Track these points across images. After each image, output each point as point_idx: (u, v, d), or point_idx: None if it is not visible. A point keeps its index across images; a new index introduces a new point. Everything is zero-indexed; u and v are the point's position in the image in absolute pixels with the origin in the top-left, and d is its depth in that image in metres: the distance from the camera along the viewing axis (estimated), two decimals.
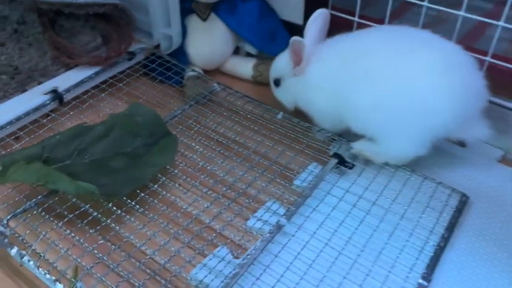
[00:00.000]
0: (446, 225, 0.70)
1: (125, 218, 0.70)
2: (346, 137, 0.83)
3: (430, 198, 0.74)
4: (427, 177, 0.77)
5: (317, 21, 0.82)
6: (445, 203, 0.74)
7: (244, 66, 1.03)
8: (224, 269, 0.65)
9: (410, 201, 0.74)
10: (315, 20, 0.81)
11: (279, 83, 0.88)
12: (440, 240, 0.68)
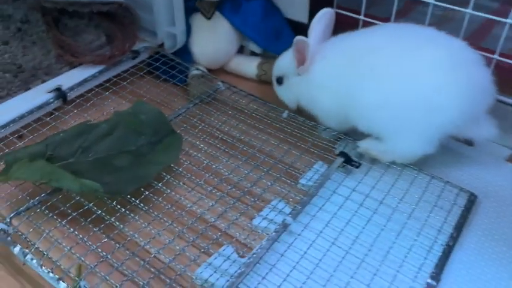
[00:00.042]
0: (455, 225, 0.69)
1: (129, 216, 0.69)
2: (352, 135, 0.82)
3: (437, 198, 0.73)
4: (434, 176, 0.76)
5: (321, 21, 0.81)
6: (453, 202, 0.73)
7: (248, 65, 1.02)
8: (229, 268, 0.64)
9: (418, 201, 0.73)
10: (320, 19, 0.81)
11: (282, 81, 0.87)
12: (449, 239, 0.67)
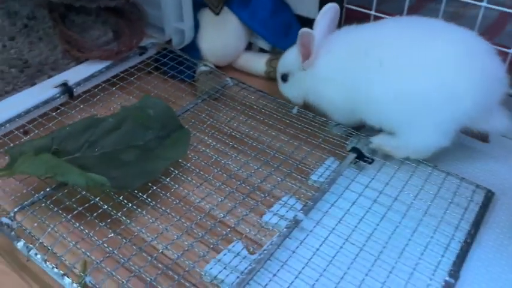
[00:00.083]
0: (472, 221, 0.67)
1: (136, 211, 0.68)
2: (364, 132, 0.80)
3: (453, 194, 0.71)
4: (450, 173, 0.74)
5: (327, 15, 0.80)
6: (470, 199, 0.70)
7: (257, 61, 1.00)
8: (239, 265, 0.62)
9: (434, 197, 0.71)
10: (325, 13, 0.80)
11: (287, 78, 0.85)
12: (467, 236, 0.65)
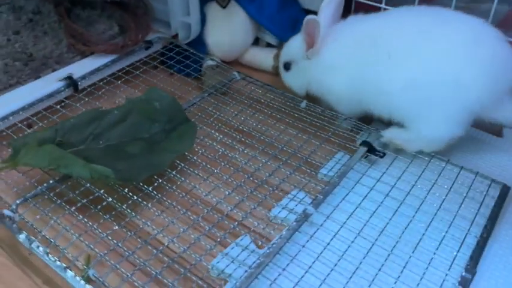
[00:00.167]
0: (488, 216, 0.65)
1: (141, 204, 0.66)
2: (374, 125, 0.78)
3: (468, 189, 0.69)
4: (464, 167, 0.72)
5: (331, 4, 0.79)
6: (485, 194, 0.68)
7: (264, 56, 0.99)
8: (247, 259, 0.60)
9: (448, 192, 0.68)
10: (329, 2, 0.78)
11: (290, 67, 0.84)
12: (483, 231, 0.63)
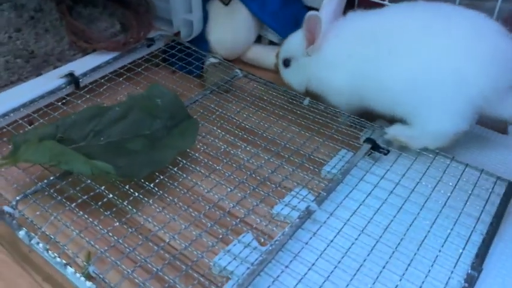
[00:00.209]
0: (494, 213, 0.64)
1: (142, 200, 0.65)
2: (378, 123, 0.78)
3: (473, 186, 0.68)
4: (469, 165, 0.71)
5: (333, 1, 0.78)
6: (491, 191, 0.67)
7: (267, 54, 0.98)
8: (249, 256, 0.59)
9: (453, 189, 0.68)
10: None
11: (289, 63, 0.83)
12: (489, 228, 0.62)
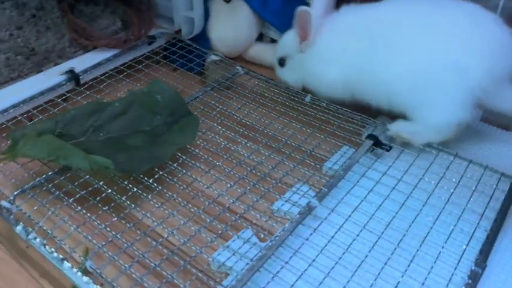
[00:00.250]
0: (498, 210, 0.63)
1: (141, 196, 0.64)
2: (380, 119, 0.77)
3: (477, 183, 0.67)
4: (472, 161, 0.70)
5: None
6: (495, 187, 0.66)
7: (268, 52, 0.97)
8: (249, 252, 0.58)
9: (456, 185, 0.67)
10: None
11: (284, 62, 0.83)
12: (493, 225, 0.61)
